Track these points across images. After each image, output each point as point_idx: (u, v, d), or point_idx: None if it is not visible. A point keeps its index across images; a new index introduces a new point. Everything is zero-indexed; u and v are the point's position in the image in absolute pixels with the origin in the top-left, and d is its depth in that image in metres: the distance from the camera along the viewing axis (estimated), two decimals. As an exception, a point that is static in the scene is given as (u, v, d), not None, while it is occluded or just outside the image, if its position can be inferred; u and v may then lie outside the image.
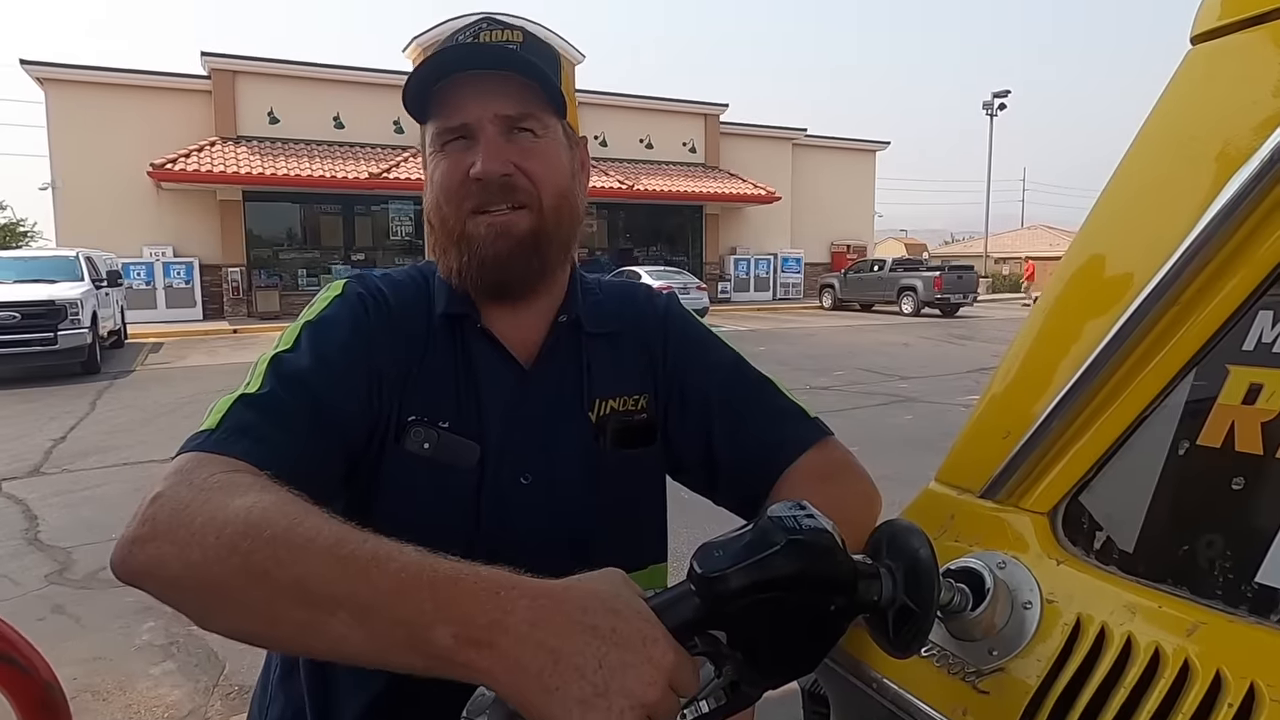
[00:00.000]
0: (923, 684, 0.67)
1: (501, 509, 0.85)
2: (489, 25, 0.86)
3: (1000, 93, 35.63)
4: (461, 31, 0.86)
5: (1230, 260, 0.60)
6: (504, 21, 0.86)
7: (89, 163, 18.48)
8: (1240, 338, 0.59)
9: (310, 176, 19.27)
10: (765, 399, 0.94)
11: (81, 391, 9.25)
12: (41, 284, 10.52)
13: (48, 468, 5.95)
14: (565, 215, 0.89)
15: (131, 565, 0.59)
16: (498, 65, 0.83)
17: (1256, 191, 0.57)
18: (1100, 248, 0.72)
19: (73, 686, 2.74)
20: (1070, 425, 0.67)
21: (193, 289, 19.22)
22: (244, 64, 20.27)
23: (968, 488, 0.76)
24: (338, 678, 0.84)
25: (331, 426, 0.76)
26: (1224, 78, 0.65)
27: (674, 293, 1.07)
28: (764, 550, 0.52)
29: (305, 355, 0.78)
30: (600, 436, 0.91)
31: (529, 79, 0.83)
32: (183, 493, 0.61)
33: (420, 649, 0.51)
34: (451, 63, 0.82)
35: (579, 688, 0.48)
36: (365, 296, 0.86)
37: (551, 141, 0.87)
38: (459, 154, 0.84)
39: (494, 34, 0.85)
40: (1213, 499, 0.58)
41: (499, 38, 0.84)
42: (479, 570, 0.53)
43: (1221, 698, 0.50)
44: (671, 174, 24.71)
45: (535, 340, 0.91)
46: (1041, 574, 0.64)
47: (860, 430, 6.69)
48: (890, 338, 15.57)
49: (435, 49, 0.84)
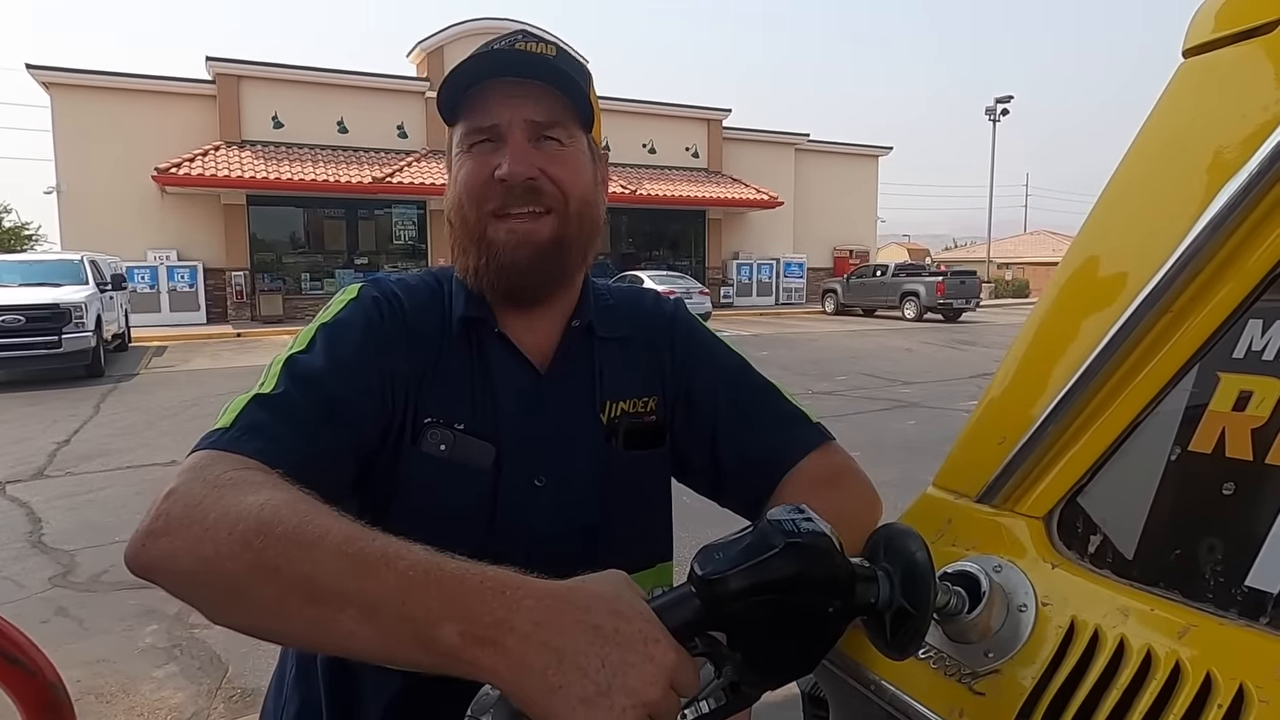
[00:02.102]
0: (919, 686, 0.68)
1: (516, 509, 0.86)
2: (524, 38, 0.87)
3: (1003, 98, 35.66)
4: (496, 41, 0.87)
5: (1221, 269, 0.61)
6: (539, 35, 0.88)
7: (94, 166, 18.52)
8: (1231, 345, 0.60)
9: (314, 181, 19.31)
10: (769, 403, 0.95)
11: (85, 395, 9.27)
12: (46, 288, 10.56)
13: (52, 471, 5.96)
14: (588, 223, 0.90)
15: (145, 559, 0.60)
16: (532, 74, 0.84)
17: (1246, 202, 0.58)
18: (1095, 255, 0.73)
19: (76, 689, 2.74)
20: (1065, 431, 0.68)
21: (196, 293, 19.26)
22: (248, 69, 20.32)
23: (964, 492, 0.77)
24: (357, 676, 0.85)
25: (344, 427, 0.77)
26: (1214, 90, 0.66)
27: (680, 299, 1.09)
28: (763, 553, 0.53)
29: (319, 356, 0.79)
30: (612, 438, 0.92)
31: (560, 90, 0.85)
32: (196, 489, 0.62)
33: (426, 646, 0.52)
34: (487, 68, 0.84)
35: (582, 686, 0.50)
36: (380, 300, 0.87)
37: (577, 151, 0.88)
38: (485, 155, 0.85)
39: (529, 45, 0.86)
40: (1204, 504, 0.59)
41: (534, 49, 0.86)
42: (485, 570, 0.55)
43: (1211, 699, 0.51)
44: (674, 179, 24.73)
45: (550, 344, 0.92)
46: (1036, 577, 0.65)
47: (862, 435, 6.69)
48: (893, 343, 15.56)
49: (471, 54, 0.86)
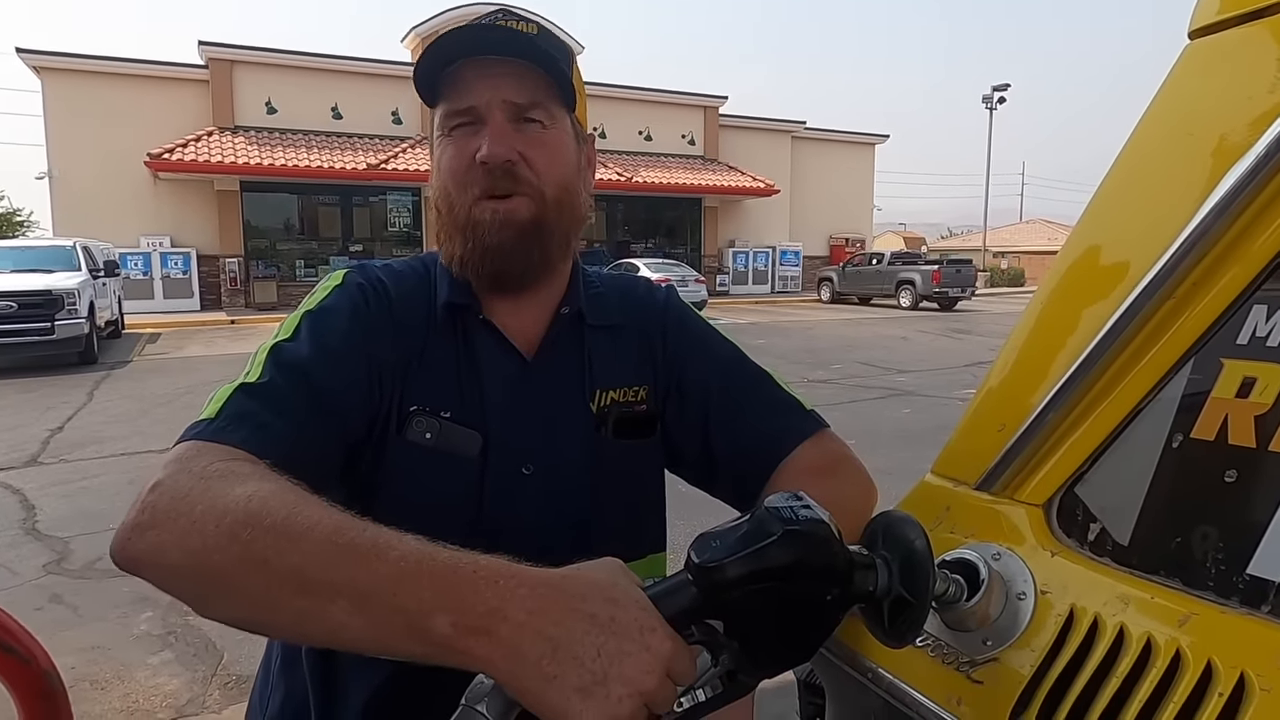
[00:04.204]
0: (917, 674, 0.67)
1: (504, 498, 0.85)
2: (505, 15, 0.85)
3: (1000, 86, 35.55)
4: (476, 20, 0.85)
5: (1225, 255, 0.60)
6: (520, 14, 0.86)
7: (86, 152, 18.38)
8: (1235, 332, 0.59)
9: (308, 167, 19.20)
10: (763, 392, 0.95)
11: (79, 382, 9.24)
12: (38, 274, 10.51)
13: (45, 458, 5.95)
14: (567, 208, 0.88)
15: (131, 553, 0.59)
16: (510, 51, 0.82)
17: (1252, 187, 0.57)
18: (1097, 242, 0.73)
19: (71, 676, 2.74)
20: (1065, 418, 0.67)
21: (190, 279, 19.19)
22: (241, 54, 20.14)
23: (963, 480, 0.76)
24: (342, 666, 0.84)
25: (331, 415, 0.76)
26: (1220, 73, 0.65)
27: (673, 286, 1.08)
28: (761, 540, 0.53)
29: (305, 344, 0.78)
30: (601, 427, 0.91)
31: (540, 68, 0.83)
32: (182, 481, 0.61)
33: (419, 637, 0.51)
34: (464, 45, 0.82)
35: (577, 676, 0.49)
36: (365, 286, 0.86)
37: (559, 133, 0.86)
38: (466, 139, 0.83)
39: (509, 23, 0.84)
40: (1206, 491, 0.59)
41: (514, 28, 0.84)
42: (478, 559, 0.54)
43: (1212, 687, 0.51)
44: (670, 166, 24.64)
45: (537, 331, 0.91)
46: (1036, 565, 0.65)
47: (858, 423, 6.70)
48: (888, 331, 15.58)
49: (450, 31, 0.84)
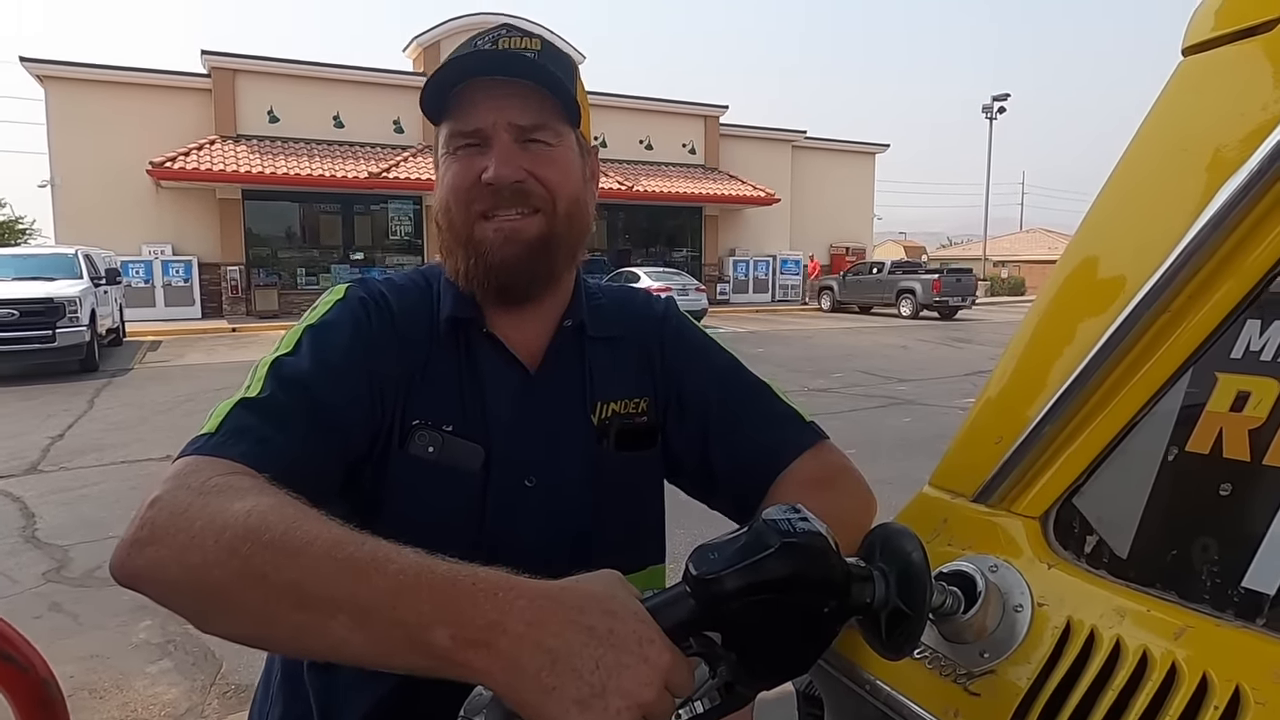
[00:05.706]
0: (915, 686, 0.68)
1: (506, 512, 0.85)
2: (508, 32, 0.86)
3: (1000, 96, 35.64)
4: (481, 37, 0.86)
5: (1220, 269, 0.60)
6: (523, 29, 0.87)
7: (88, 160, 18.44)
8: (1229, 346, 0.60)
9: (310, 175, 19.25)
10: (762, 403, 0.95)
11: (80, 389, 9.23)
12: (40, 281, 10.50)
13: (45, 465, 5.94)
14: (576, 221, 0.89)
15: (130, 569, 0.59)
16: (515, 73, 0.83)
17: (1245, 202, 0.57)
18: (1093, 255, 0.73)
19: (70, 684, 2.74)
20: (1062, 431, 0.68)
21: (191, 287, 19.19)
22: (244, 63, 20.23)
23: (961, 492, 0.76)
24: (342, 680, 0.84)
25: (332, 430, 0.76)
26: (1214, 89, 0.66)
27: (672, 297, 1.09)
28: (758, 552, 0.53)
29: (305, 359, 0.78)
30: (603, 439, 0.92)
31: (545, 88, 0.83)
32: (181, 496, 0.61)
33: (419, 650, 0.52)
34: (470, 67, 0.83)
35: (576, 688, 0.49)
36: (367, 300, 0.86)
37: (565, 149, 0.87)
38: (471, 158, 0.84)
39: (513, 41, 0.85)
40: (1201, 505, 0.59)
41: (518, 45, 0.85)
42: (477, 571, 0.54)
43: (1208, 700, 0.51)
44: (671, 175, 24.70)
45: (540, 344, 0.92)
46: (1033, 578, 0.65)
47: (858, 433, 6.69)
48: (888, 340, 15.58)
49: (455, 52, 0.85)
